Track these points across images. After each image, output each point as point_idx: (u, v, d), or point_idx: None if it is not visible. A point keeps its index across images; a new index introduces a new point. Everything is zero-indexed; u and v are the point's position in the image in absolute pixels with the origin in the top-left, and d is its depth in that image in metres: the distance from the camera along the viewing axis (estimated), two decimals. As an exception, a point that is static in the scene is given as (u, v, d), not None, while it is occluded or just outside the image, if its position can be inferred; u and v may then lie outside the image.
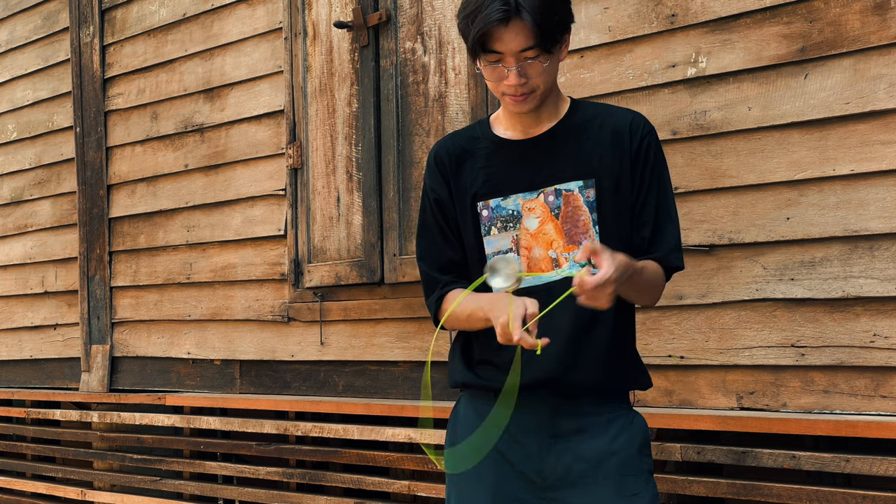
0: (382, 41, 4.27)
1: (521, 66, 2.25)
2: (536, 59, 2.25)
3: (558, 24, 2.27)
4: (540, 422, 2.34)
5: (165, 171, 5.26)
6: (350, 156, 4.39)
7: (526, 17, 2.20)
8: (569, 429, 2.34)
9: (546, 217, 2.34)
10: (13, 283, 6.26)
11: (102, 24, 5.63)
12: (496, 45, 2.24)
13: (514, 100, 2.31)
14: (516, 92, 2.29)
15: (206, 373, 5.07)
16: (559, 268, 2.34)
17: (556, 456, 2.33)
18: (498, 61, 2.26)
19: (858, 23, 3.01)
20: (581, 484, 2.31)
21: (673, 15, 3.39)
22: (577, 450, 2.32)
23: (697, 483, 3.15)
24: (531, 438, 2.34)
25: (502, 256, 2.22)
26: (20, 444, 5.99)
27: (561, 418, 2.34)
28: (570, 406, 2.34)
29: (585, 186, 2.34)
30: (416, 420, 4.01)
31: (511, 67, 2.25)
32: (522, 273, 2.20)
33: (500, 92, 2.32)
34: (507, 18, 2.21)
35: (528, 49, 2.24)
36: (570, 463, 2.32)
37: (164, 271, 5.27)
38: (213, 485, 4.75)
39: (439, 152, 2.48)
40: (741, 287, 3.24)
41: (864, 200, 3.00)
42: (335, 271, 4.41)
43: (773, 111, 3.17)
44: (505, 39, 2.23)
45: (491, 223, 2.39)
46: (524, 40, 2.23)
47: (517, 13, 2.21)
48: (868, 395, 3.00)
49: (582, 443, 2.33)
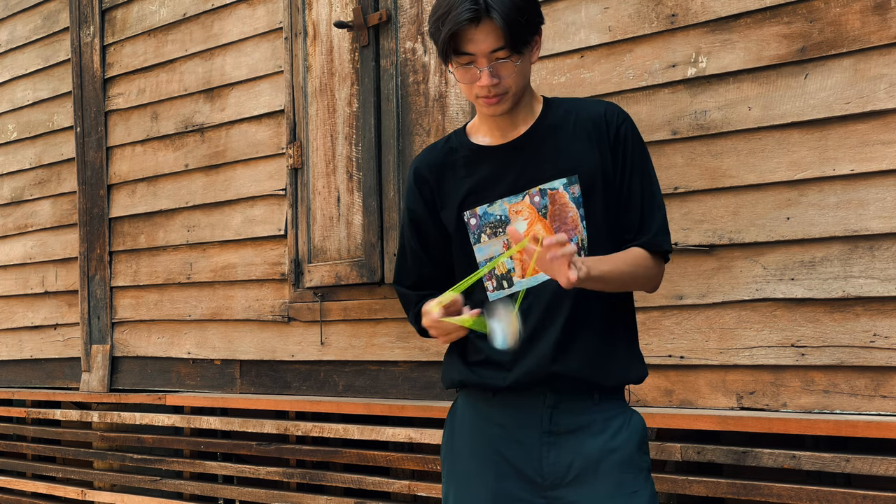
0: (383, 41, 4.27)
1: (493, 67, 2.28)
2: (508, 60, 2.28)
3: (528, 23, 2.29)
4: (539, 420, 2.34)
5: (166, 171, 5.26)
6: (350, 156, 4.39)
7: (496, 17, 2.23)
8: (568, 427, 2.34)
9: (534, 218, 2.36)
10: (13, 283, 6.27)
11: (103, 24, 5.63)
12: (467, 46, 2.27)
13: (487, 101, 2.33)
14: (489, 93, 2.31)
15: (206, 373, 5.07)
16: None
17: (555, 454, 2.33)
18: (470, 63, 2.29)
19: (858, 23, 3.01)
20: (581, 482, 2.31)
21: (673, 15, 3.39)
22: (576, 447, 2.33)
23: (697, 483, 3.15)
24: (530, 437, 2.35)
25: (504, 305, 2.25)
26: (20, 444, 5.99)
27: (559, 416, 2.35)
28: (568, 404, 2.34)
29: (570, 183, 2.36)
30: (416, 420, 4.01)
31: (483, 68, 2.28)
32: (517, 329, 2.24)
33: (474, 95, 2.34)
34: (477, 18, 2.23)
35: (499, 49, 2.26)
36: (570, 461, 2.33)
37: (164, 271, 5.27)
38: (214, 485, 4.75)
39: (419, 167, 2.51)
40: (741, 287, 3.24)
41: (865, 200, 3.01)
42: (335, 271, 4.41)
43: (774, 111, 3.17)
44: (476, 40, 2.26)
45: (480, 230, 2.40)
46: (495, 40, 2.25)
47: (487, 13, 2.23)
48: (868, 394, 3.00)
49: (581, 440, 2.33)
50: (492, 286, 2.40)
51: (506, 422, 2.38)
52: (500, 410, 2.39)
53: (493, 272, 2.39)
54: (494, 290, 2.39)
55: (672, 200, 3.36)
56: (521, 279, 2.37)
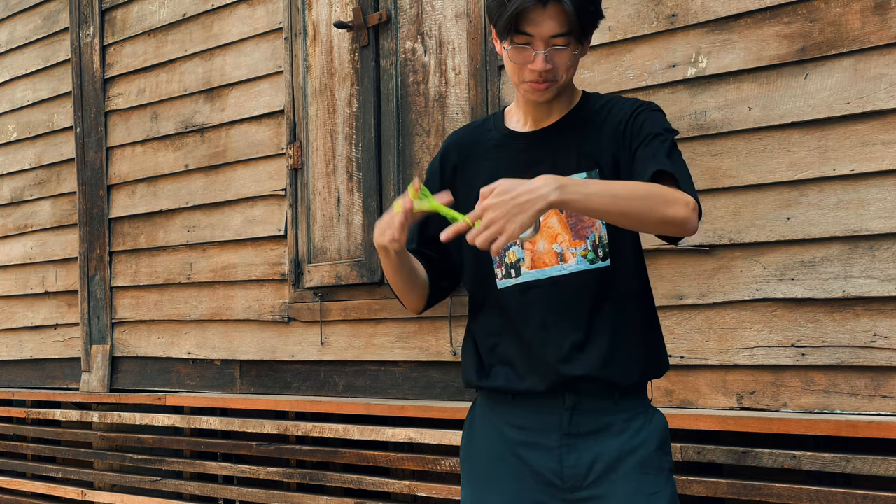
0: (382, 41, 4.27)
1: (550, 52, 2.24)
2: (566, 47, 2.24)
3: (593, 14, 2.27)
4: (559, 422, 2.30)
5: (165, 172, 5.26)
6: (350, 156, 4.39)
7: (566, 3, 2.20)
8: (588, 428, 2.31)
9: (550, 210, 2.31)
10: (13, 283, 6.26)
11: (102, 24, 5.63)
12: (529, 27, 2.22)
13: (535, 86, 2.29)
14: (539, 78, 2.27)
15: (206, 373, 5.07)
16: (564, 262, 2.32)
17: (575, 456, 2.30)
18: (527, 44, 2.25)
19: (858, 23, 3.01)
20: (600, 484, 2.28)
21: (673, 15, 3.39)
22: (596, 449, 2.29)
23: (697, 483, 3.15)
24: (550, 440, 2.31)
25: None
26: (20, 444, 5.99)
27: (579, 418, 2.31)
28: (589, 405, 2.31)
29: (590, 177, 2.30)
30: (415, 420, 4.01)
31: (539, 51, 2.24)
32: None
33: (522, 78, 2.30)
34: (546, 1, 2.20)
35: (560, 35, 2.23)
36: (590, 463, 2.29)
37: (164, 271, 5.27)
38: (214, 485, 4.75)
39: (450, 146, 2.48)
40: (741, 287, 3.23)
41: (865, 200, 3.00)
42: (335, 271, 4.41)
43: (774, 111, 3.17)
44: (539, 22, 2.22)
45: None
46: (558, 25, 2.22)
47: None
48: (868, 395, 3.00)
49: (602, 442, 2.30)
50: (501, 273, 2.38)
51: (525, 424, 2.34)
52: (518, 412, 2.35)
53: (504, 260, 2.36)
54: (503, 277, 2.37)
55: (672, 200, 3.36)
56: (529, 270, 2.34)
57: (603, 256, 2.31)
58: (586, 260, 2.31)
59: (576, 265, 2.31)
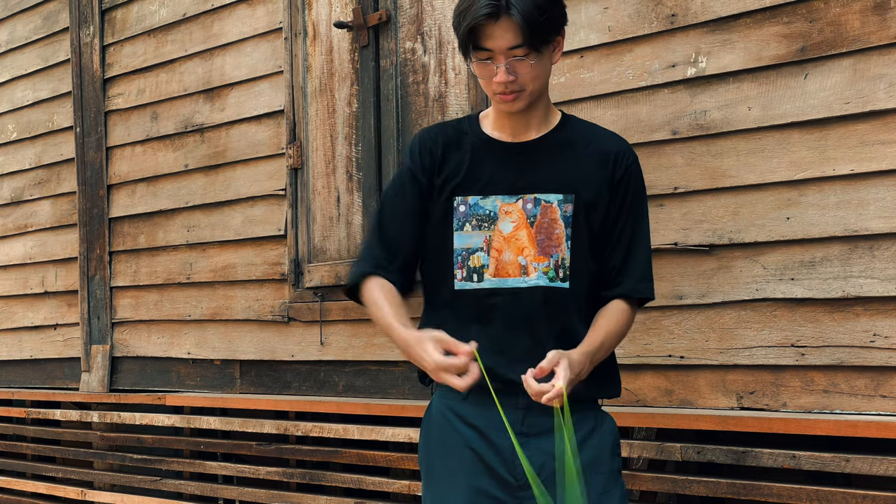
0: (382, 41, 4.27)
1: (510, 64, 2.29)
2: (525, 58, 2.28)
3: (548, 23, 2.29)
4: (512, 421, 2.31)
5: (165, 171, 5.26)
6: (350, 156, 4.39)
7: (514, 15, 2.24)
8: (540, 429, 2.34)
9: (521, 223, 2.38)
10: (13, 283, 6.26)
11: (102, 24, 5.63)
12: (485, 41, 2.28)
13: (503, 98, 2.35)
14: (505, 90, 2.32)
15: (206, 373, 5.07)
16: (527, 276, 2.37)
17: (528, 456, 2.31)
18: (488, 59, 2.30)
19: (858, 23, 3.01)
20: (552, 483, 2.30)
21: (673, 15, 3.39)
22: (549, 449, 2.31)
23: (697, 483, 3.15)
24: (503, 438, 2.33)
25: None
26: (20, 444, 5.99)
27: (533, 418, 2.35)
28: (542, 406, 2.30)
29: (565, 201, 2.38)
30: (415, 420, 4.01)
31: (500, 65, 2.29)
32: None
33: (491, 91, 2.36)
34: (496, 14, 2.24)
35: (517, 47, 2.27)
36: (541, 462, 2.32)
37: (164, 271, 5.27)
38: (214, 485, 4.75)
39: (426, 137, 2.49)
40: (741, 287, 3.24)
41: (864, 200, 3.01)
42: (335, 271, 4.41)
43: (773, 111, 3.17)
44: (493, 36, 2.27)
45: (466, 219, 2.41)
46: (512, 38, 2.26)
47: (506, 10, 2.24)
48: (868, 394, 3.00)
49: (553, 442, 2.31)
50: (461, 274, 2.39)
51: (479, 423, 2.38)
52: (473, 411, 2.39)
53: (467, 263, 2.39)
54: (463, 279, 2.39)
55: (672, 200, 3.36)
56: (492, 277, 2.38)
57: (563, 278, 2.38)
58: (546, 277, 2.38)
59: (535, 280, 2.37)
